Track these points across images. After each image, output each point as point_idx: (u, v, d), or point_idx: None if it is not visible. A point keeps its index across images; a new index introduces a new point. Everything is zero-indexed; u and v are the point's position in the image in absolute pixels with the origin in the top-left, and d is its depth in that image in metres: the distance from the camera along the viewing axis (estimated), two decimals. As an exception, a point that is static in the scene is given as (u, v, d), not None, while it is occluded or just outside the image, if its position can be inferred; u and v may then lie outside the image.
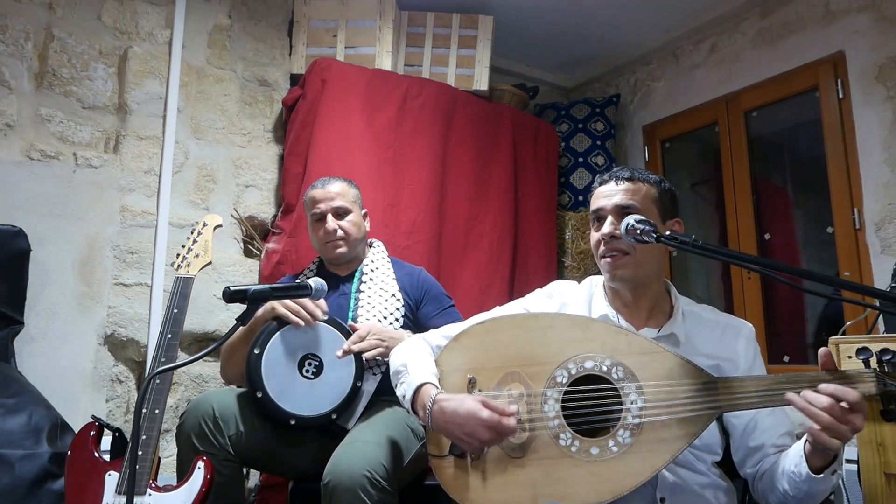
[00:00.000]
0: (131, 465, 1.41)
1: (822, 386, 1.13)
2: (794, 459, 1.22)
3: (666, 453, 1.21)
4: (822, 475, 1.16)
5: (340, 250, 1.96)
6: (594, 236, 1.45)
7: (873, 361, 1.18)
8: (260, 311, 1.74)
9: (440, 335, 1.52)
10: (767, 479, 1.30)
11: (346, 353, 1.72)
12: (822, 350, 1.19)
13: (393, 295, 1.93)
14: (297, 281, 1.99)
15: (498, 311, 1.53)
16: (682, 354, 1.26)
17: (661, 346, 1.28)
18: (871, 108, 2.61)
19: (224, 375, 1.91)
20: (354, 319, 1.88)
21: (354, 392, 1.73)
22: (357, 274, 1.99)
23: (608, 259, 1.40)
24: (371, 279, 1.96)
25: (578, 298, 1.50)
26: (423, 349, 1.47)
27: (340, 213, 1.98)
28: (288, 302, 1.72)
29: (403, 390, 1.38)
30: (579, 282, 1.56)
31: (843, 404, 1.10)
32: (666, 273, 1.54)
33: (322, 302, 1.77)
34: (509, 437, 1.27)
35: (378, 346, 1.73)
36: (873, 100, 2.60)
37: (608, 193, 1.43)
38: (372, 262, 2.01)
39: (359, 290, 1.94)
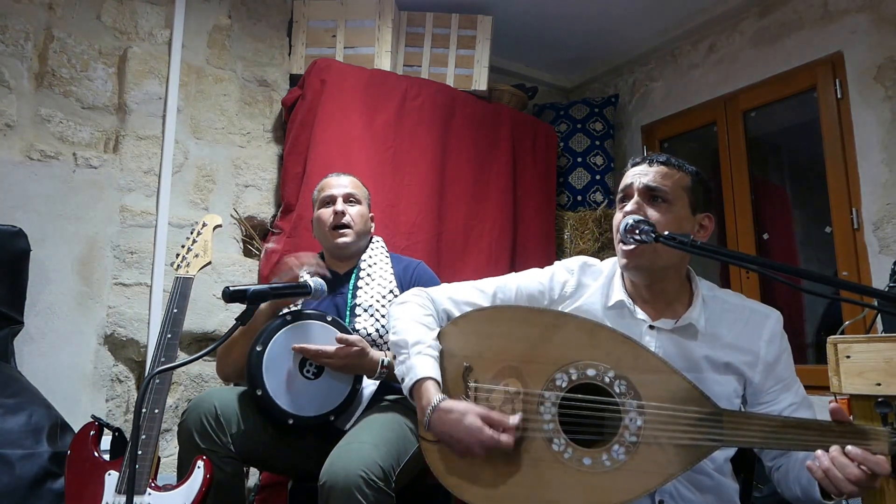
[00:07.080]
0: (131, 464, 1.41)
1: (854, 453, 1.08)
2: (809, 476, 1.20)
3: (658, 477, 1.18)
4: (831, 502, 1.17)
5: (345, 239, 1.93)
6: (617, 216, 1.38)
7: (892, 416, 1.14)
8: (263, 305, 1.73)
9: (447, 298, 1.47)
10: (784, 473, 1.31)
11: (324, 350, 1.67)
12: (832, 406, 1.13)
13: (391, 292, 1.91)
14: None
15: (513, 278, 1.49)
16: (693, 381, 1.22)
17: (671, 366, 1.23)
18: (870, 108, 2.61)
19: (220, 372, 1.88)
20: (351, 319, 1.87)
21: (353, 394, 1.72)
22: (355, 271, 1.96)
23: (624, 247, 1.34)
24: (369, 275, 1.93)
25: (597, 281, 1.46)
26: (427, 318, 1.42)
27: (350, 201, 1.99)
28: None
29: (403, 372, 1.35)
30: None
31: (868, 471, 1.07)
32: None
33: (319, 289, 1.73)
34: None
35: (341, 363, 1.68)
36: (871, 100, 2.61)
37: (639, 172, 1.37)
38: (370, 257, 1.98)
39: (356, 287, 1.92)
